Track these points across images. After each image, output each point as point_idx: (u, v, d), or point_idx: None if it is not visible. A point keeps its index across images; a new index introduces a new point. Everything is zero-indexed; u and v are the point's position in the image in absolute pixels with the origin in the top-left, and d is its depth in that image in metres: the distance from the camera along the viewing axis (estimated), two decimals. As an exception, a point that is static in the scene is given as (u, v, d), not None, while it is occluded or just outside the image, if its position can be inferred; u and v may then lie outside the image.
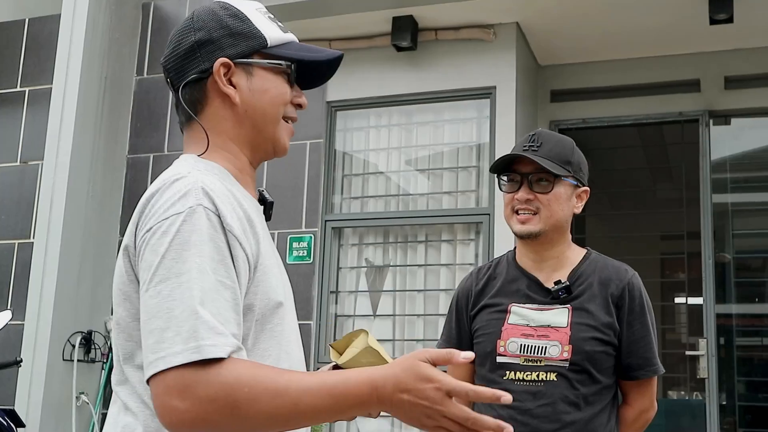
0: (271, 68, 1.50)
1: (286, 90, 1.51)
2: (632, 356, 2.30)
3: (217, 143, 1.47)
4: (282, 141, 1.53)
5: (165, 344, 1.22)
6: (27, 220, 6.12)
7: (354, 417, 1.28)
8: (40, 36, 6.48)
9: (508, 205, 2.42)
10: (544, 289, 2.35)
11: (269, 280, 1.41)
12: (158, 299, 1.25)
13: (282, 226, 5.61)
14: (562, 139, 2.44)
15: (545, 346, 2.27)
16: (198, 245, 1.28)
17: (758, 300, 6.69)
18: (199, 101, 1.48)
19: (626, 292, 2.31)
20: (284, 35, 1.55)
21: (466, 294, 2.49)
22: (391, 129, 5.71)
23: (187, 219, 1.29)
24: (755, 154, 6.13)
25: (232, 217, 1.35)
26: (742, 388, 6.55)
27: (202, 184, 1.34)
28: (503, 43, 5.38)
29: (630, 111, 5.73)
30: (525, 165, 2.36)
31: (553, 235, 2.37)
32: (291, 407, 1.23)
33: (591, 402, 2.26)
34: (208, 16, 1.50)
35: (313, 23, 5.52)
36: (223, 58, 1.46)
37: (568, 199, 2.37)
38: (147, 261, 1.29)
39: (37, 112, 6.24)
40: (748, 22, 5.06)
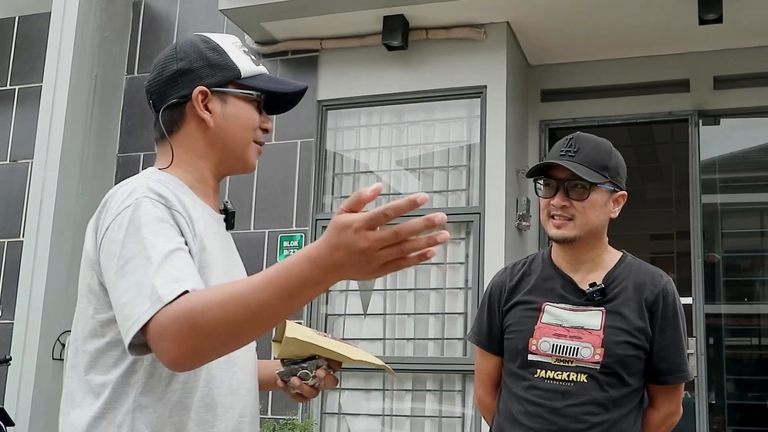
0: (243, 97, 1.69)
1: (255, 116, 1.70)
2: (663, 361, 2.31)
3: (184, 159, 1.67)
4: (251, 161, 1.73)
5: (136, 309, 1.37)
6: (16, 219, 6.10)
7: (309, 298, 1.31)
8: (31, 34, 6.46)
9: (545, 210, 2.38)
10: (579, 290, 2.34)
11: (206, 274, 1.55)
12: (126, 277, 1.41)
13: (273, 225, 5.61)
14: (600, 143, 2.39)
15: (577, 347, 2.27)
16: (147, 224, 1.45)
17: (747, 300, 6.73)
18: (176, 122, 1.67)
19: (660, 298, 2.32)
20: (256, 68, 1.72)
21: (499, 288, 2.48)
22: (382, 128, 5.71)
23: (135, 209, 1.47)
24: (744, 155, 6.16)
25: (174, 205, 1.52)
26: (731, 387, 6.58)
27: (147, 184, 1.53)
28: (494, 43, 5.39)
29: (620, 111, 5.75)
30: (561, 170, 2.33)
31: (588, 240, 2.36)
32: (243, 309, 1.29)
33: (619, 404, 2.27)
34: (189, 48, 1.69)
35: (305, 22, 5.53)
36: (201, 87, 1.65)
37: (605, 204, 2.36)
38: (110, 252, 1.46)
39: (27, 111, 6.23)
40: (737, 22, 5.08)
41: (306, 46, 5.77)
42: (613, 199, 2.38)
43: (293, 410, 5.23)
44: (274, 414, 5.26)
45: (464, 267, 5.30)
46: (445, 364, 5.18)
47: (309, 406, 5.31)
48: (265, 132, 1.74)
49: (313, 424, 5.17)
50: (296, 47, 5.80)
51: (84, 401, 1.52)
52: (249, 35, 5.80)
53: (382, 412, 5.30)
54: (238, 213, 5.62)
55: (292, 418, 5.14)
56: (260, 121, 1.72)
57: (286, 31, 5.70)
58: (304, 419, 5.20)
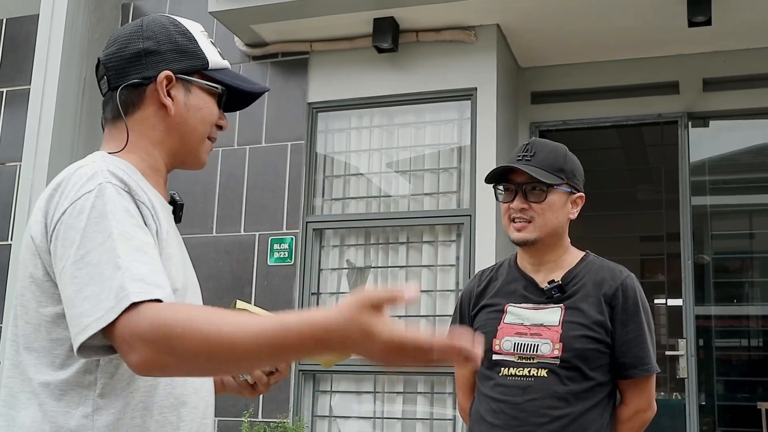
0: (208, 89, 1.61)
1: (215, 111, 1.63)
2: (626, 355, 2.35)
3: (137, 144, 1.56)
4: (202, 157, 1.66)
5: (101, 305, 1.27)
6: (5, 222, 6.06)
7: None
8: (18, 36, 6.43)
9: (505, 214, 2.47)
10: (540, 289, 2.42)
11: (168, 266, 1.45)
12: (87, 269, 1.31)
13: (263, 227, 5.59)
14: (556, 147, 2.49)
15: (537, 344, 2.34)
16: (114, 213, 1.36)
17: (736, 301, 6.75)
18: (133, 104, 1.57)
19: (620, 292, 2.37)
20: (221, 61, 1.65)
21: (468, 295, 2.58)
22: (373, 130, 5.71)
23: (98, 194, 1.37)
24: (733, 156, 6.18)
25: (138, 194, 1.44)
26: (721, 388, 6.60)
27: (108, 167, 1.43)
28: (484, 45, 5.39)
29: (610, 113, 5.76)
30: (519, 175, 2.42)
31: (549, 241, 2.44)
32: (229, 351, 1.24)
33: (582, 398, 2.30)
34: (158, 28, 1.60)
35: (295, 24, 5.52)
36: (167, 71, 1.56)
37: (563, 206, 2.43)
38: (68, 239, 1.34)
39: (15, 113, 6.20)
40: (726, 24, 5.10)
41: (296, 48, 5.76)
42: (572, 200, 2.46)
43: (284, 413, 5.21)
44: (265, 417, 5.25)
45: (455, 269, 5.30)
46: (436, 367, 5.16)
47: (300, 408, 5.30)
48: (220, 129, 1.67)
49: (304, 426, 5.16)
50: (286, 49, 5.78)
51: (30, 402, 1.40)
52: (239, 37, 5.79)
53: (373, 414, 5.29)
54: (229, 215, 5.63)
55: (282, 421, 5.12)
56: (218, 117, 1.64)
57: (276, 34, 5.69)
58: (295, 422, 5.19)
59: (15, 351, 1.45)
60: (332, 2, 5.25)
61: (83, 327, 1.28)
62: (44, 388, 1.40)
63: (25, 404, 1.41)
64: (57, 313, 1.39)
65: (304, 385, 5.34)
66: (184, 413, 1.47)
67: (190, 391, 1.49)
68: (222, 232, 5.66)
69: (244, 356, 1.25)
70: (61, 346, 1.39)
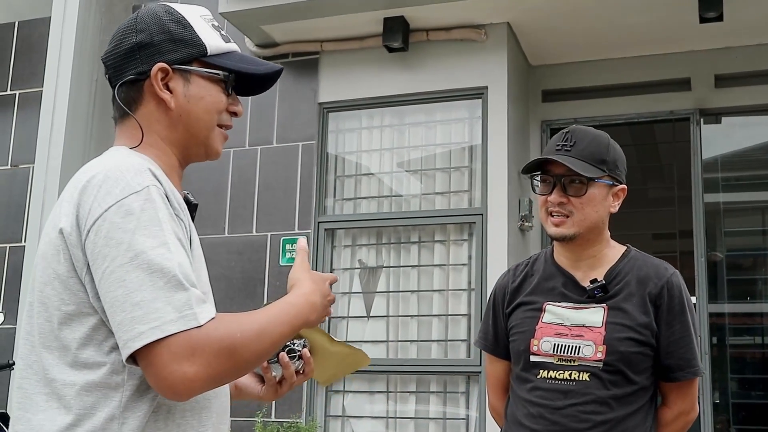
0: (209, 77, 1.54)
1: (221, 98, 1.56)
2: (672, 357, 2.24)
3: (148, 141, 1.51)
4: (215, 146, 1.58)
5: (156, 314, 1.26)
6: (18, 224, 6.10)
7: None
8: (31, 39, 6.46)
9: (543, 207, 2.32)
10: (580, 287, 2.29)
11: (199, 269, 1.46)
12: (138, 273, 1.28)
13: (275, 227, 5.60)
14: (597, 135, 2.34)
15: (579, 345, 2.22)
16: (165, 221, 1.34)
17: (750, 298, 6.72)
18: (134, 101, 1.52)
19: (665, 291, 2.24)
20: (225, 44, 1.58)
21: (503, 291, 2.44)
22: (383, 130, 5.71)
23: (147, 198, 1.34)
24: (746, 153, 6.16)
25: (174, 200, 1.42)
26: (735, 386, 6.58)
27: (149, 166, 1.41)
28: (494, 44, 5.38)
29: (621, 110, 5.74)
30: (558, 166, 2.27)
31: (588, 237, 2.30)
32: (269, 341, 1.39)
33: (625, 403, 2.20)
34: (151, 19, 1.53)
35: (305, 25, 5.52)
36: (161, 63, 1.49)
37: (604, 199, 2.29)
38: (114, 239, 1.30)
39: (28, 115, 6.23)
40: (737, 20, 5.08)
41: (306, 48, 5.76)
42: (613, 193, 2.32)
43: (297, 413, 5.22)
44: (278, 417, 5.26)
45: (467, 268, 5.29)
46: (449, 366, 5.17)
47: (313, 408, 5.31)
48: (234, 115, 1.60)
49: (317, 426, 5.17)
50: (297, 50, 5.79)
51: (48, 404, 1.35)
52: (249, 38, 5.80)
53: (386, 414, 5.29)
54: (241, 215, 5.64)
55: (296, 421, 5.13)
56: (227, 104, 1.57)
57: (287, 34, 5.70)
58: (308, 422, 5.20)
59: (30, 349, 1.40)
60: (342, 2, 5.26)
61: (137, 333, 1.25)
62: (68, 388, 1.34)
63: (42, 406, 1.36)
64: (81, 312, 1.35)
65: (316, 385, 5.35)
66: (204, 417, 1.45)
67: (210, 395, 1.46)
68: (234, 233, 5.67)
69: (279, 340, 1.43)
70: (87, 347, 1.35)
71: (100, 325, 1.35)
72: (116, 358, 1.34)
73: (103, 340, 1.35)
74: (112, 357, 1.34)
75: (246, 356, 1.34)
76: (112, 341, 1.33)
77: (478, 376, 5.01)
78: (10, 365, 4.84)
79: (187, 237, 1.42)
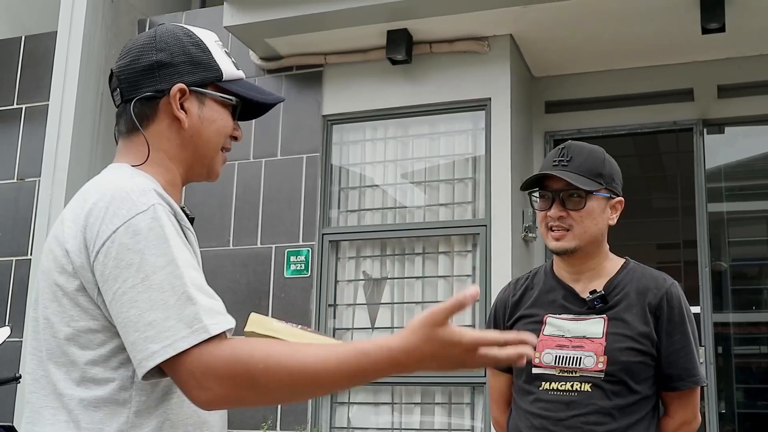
0: (221, 101, 1.58)
1: (230, 123, 1.60)
2: (672, 367, 2.26)
3: (154, 158, 1.53)
4: (216, 168, 1.62)
5: (168, 332, 1.28)
6: (24, 237, 6.12)
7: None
8: (37, 53, 6.50)
9: (542, 222, 2.37)
10: (580, 299, 2.32)
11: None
12: (149, 293, 1.30)
13: (279, 240, 5.62)
14: (593, 150, 2.38)
15: (580, 356, 2.24)
16: (173, 239, 1.35)
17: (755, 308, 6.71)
18: (147, 117, 1.54)
19: (664, 302, 2.28)
20: (236, 71, 1.62)
21: (503, 304, 2.48)
22: (387, 142, 5.73)
23: (154, 216, 1.35)
24: (749, 163, 6.16)
25: (181, 218, 1.45)
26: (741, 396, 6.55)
27: (153, 186, 1.43)
28: (497, 55, 5.41)
29: (624, 121, 5.76)
30: (556, 181, 2.32)
31: (588, 249, 2.34)
32: (311, 382, 1.31)
33: (627, 413, 2.22)
34: (171, 39, 1.56)
35: (309, 38, 5.56)
36: (180, 84, 1.53)
37: (602, 212, 2.34)
38: (124, 260, 1.32)
39: (34, 129, 6.26)
40: (739, 31, 5.09)
41: (310, 61, 5.79)
42: (611, 205, 2.36)
43: (302, 425, 5.22)
44: (283, 428, 5.26)
45: (471, 279, 5.30)
46: (454, 377, 5.17)
47: (318, 420, 5.31)
48: (234, 140, 1.64)
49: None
50: (301, 62, 5.82)
51: (56, 419, 1.36)
52: (254, 51, 5.83)
53: (391, 425, 5.29)
54: (246, 227, 5.66)
55: (301, 433, 5.13)
56: (232, 128, 1.62)
57: (291, 47, 5.73)
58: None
59: (37, 364, 1.41)
60: (346, 15, 5.29)
61: (150, 353, 1.28)
62: (77, 403, 1.36)
63: (50, 420, 1.37)
64: (91, 328, 1.37)
65: (321, 396, 5.35)
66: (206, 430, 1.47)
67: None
68: (238, 245, 5.69)
69: (325, 385, 1.33)
70: (96, 363, 1.36)
71: (108, 342, 1.37)
72: (124, 374, 1.36)
73: (112, 356, 1.37)
74: (120, 373, 1.36)
75: (271, 386, 1.30)
76: (121, 357, 1.36)
77: (483, 388, 5.01)
78: (16, 378, 4.85)
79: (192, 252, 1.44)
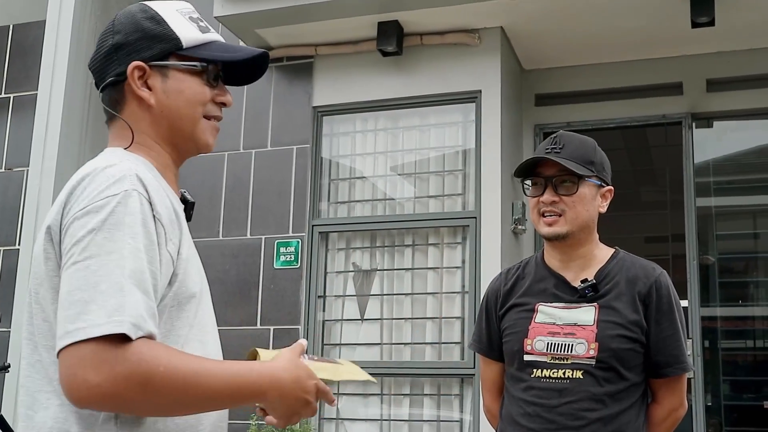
0: (186, 69, 1.53)
1: (202, 90, 1.54)
2: (661, 354, 2.31)
3: (138, 140, 1.51)
4: (203, 138, 1.56)
5: (88, 316, 1.23)
6: (12, 227, 6.10)
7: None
8: (25, 42, 6.47)
9: (534, 209, 2.41)
10: (571, 287, 2.36)
11: (189, 271, 1.45)
12: (85, 273, 1.27)
13: (269, 231, 5.62)
14: (584, 139, 2.45)
15: (572, 343, 2.29)
16: (131, 227, 1.31)
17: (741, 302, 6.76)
18: (118, 102, 1.53)
19: (653, 290, 2.33)
20: (202, 35, 1.56)
21: (495, 294, 2.52)
22: (378, 134, 5.73)
23: (122, 201, 1.32)
24: (737, 157, 6.19)
25: (161, 206, 1.40)
26: (727, 389, 6.60)
27: (136, 171, 1.39)
28: (488, 48, 5.41)
29: (614, 114, 5.78)
30: (548, 168, 2.37)
31: (580, 236, 2.39)
32: (200, 393, 1.30)
33: (618, 399, 2.27)
34: (126, 19, 1.53)
35: (299, 29, 5.54)
36: (136, 62, 1.49)
37: (593, 199, 2.39)
38: (76, 236, 1.30)
39: (22, 119, 6.23)
40: (729, 25, 5.11)
41: (301, 52, 5.78)
42: (601, 194, 2.43)
43: (291, 416, 5.22)
44: (272, 420, 5.26)
45: (461, 271, 5.31)
46: (443, 369, 5.19)
47: (307, 411, 5.31)
48: (223, 105, 1.59)
49: (311, 429, 5.18)
50: (291, 53, 5.81)
51: (50, 402, 1.35)
52: (244, 42, 5.81)
53: (380, 417, 5.31)
54: (236, 219, 5.65)
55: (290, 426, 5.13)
56: (213, 94, 1.56)
57: (281, 38, 5.71)
58: (302, 425, 5.20)
59: (32, 350, 1.40)
60: (336, 6, 5.28)
61: (65, 332, 1.24)
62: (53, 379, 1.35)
63: (44, 404, 1.36)
64: None
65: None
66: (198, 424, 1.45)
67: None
68: (228, 236, 5.69)
69: (212, 396, 1.32)
70: None
71: None
72: None
73: None
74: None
75: (163, 395, 1.25)
76: None
77: (472, 379, 5.03)
78: (5, 368, 4.84)
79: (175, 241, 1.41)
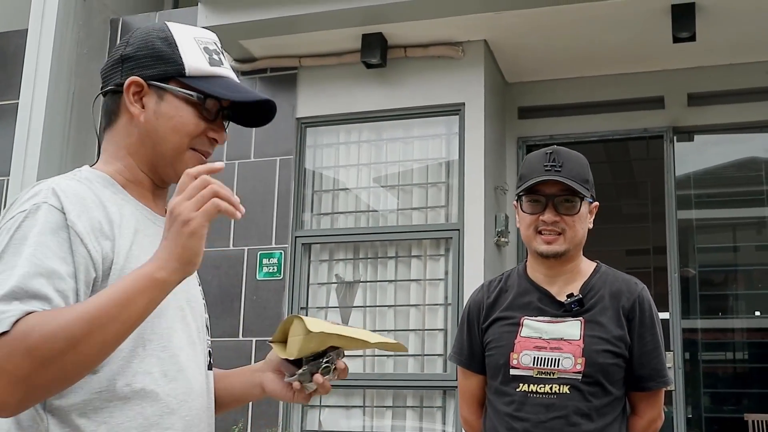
0: (183, 97, 1.50)
1: (195, 121, 1.51)
2: (644, 368, 2.33)
3: (116, 155, 1.52)
4: (182, 170, 1.46)
5: None
6: (-8, 237, 6.04)
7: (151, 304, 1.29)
8: (7, 51, 6.42)
9: (531, 226, 2.38)
10: (557, 302, 2.36)
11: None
12: None
13: (252, 242, 5.60)
14: (579, 156, 2.44)
15: (558, 358, 2.28)
16: (35, 237, 1.30)
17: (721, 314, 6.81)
18: (113, 112, 1.53)
19: (637, 305, 2.34)
20: (209, 68, 1.53)
21: (477, 306, 2.49)
22: (361, 145, 5.74)
23: (29, 215, 1.32)
24: (718, 170, 6.25)
25: (79, 215, 1.36)
26: (708, 401, 6.65)
27: (54, 185, 1.38)
28: (471, 61, 5.44)
29: (596, 127, 5.82)
30: (550, 186, 2.34)
31: (573, 253, 2.39)
32: (84, 323, 1.23)
33: (603, 413, 2.28)
34: (141, 34, 1.53)
35: (284, 40, 5.55)
36: (135, 77, 1.49)
37: (587, 216, 2.42)
38: None
39: (4, 128, 6.19)
40: (710, 40, 5.17)
41: (285, 63, 5.78)
42: (590, 210, 2.44)
43: (273, 428, 5.20)
44: (255, 431, 5.24)
45: (444, 283, 5.32)
46: (426, 381, 5.19)
47: (289, 423, 5.29)
48: (215, 142, 1.56)
49: (293, 441, 5.16)
50: (275, 65, 5.81)
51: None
52: (228, 53, 5.80)
53: (362, 428, 5.29)
54: (218, 230, 5.63)
55: (272, 436, 5.11)
56: (206, 128, 1.53)
57: (265, 49, 5.71)
58: (283, 437, 5.19)
59: None
60: (321, 18, 5.29)
61: None
62: None
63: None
64: None
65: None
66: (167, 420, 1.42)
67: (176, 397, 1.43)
68: (211, 247, 5.66)
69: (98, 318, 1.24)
70: None
71: None
72: None
73: None
74: None
75: (52, 351, 1.20)
76: None
77: (455, 391, 5.03)
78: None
79: (103, 253, 1.37)
